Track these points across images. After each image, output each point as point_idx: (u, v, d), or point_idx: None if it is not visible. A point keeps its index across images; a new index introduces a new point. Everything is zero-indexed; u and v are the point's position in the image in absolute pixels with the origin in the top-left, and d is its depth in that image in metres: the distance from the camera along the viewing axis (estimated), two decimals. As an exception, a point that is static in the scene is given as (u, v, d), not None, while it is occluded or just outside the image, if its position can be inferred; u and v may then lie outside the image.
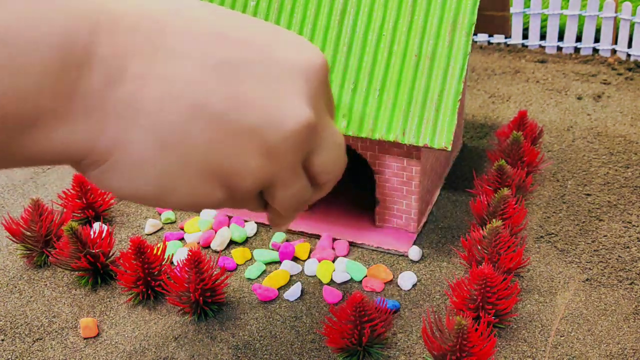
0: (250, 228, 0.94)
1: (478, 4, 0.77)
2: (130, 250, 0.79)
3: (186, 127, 0.35)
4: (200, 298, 0.76)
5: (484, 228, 0.81)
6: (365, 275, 0.84)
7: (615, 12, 1.47)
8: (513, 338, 0.74)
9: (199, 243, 0.92)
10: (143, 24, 0.35)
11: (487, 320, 0.71)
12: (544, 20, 1.60)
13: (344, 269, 0.84)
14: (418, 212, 0.88)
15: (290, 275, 0.85)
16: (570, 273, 0.83)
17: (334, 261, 0.87)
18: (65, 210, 0.94)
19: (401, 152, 0.83)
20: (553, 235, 0.90)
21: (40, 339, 0.77)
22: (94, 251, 0.82)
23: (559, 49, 1.59)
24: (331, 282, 0.84)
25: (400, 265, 0.86)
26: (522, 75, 1.48)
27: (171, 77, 0.35)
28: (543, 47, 1.60)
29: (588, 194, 0.99)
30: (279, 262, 0.88)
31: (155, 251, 0.81)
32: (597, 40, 1.55)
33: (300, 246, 0.89)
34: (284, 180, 0.40)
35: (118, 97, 0.34)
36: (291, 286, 0.83)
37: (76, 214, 0.97)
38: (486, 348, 0.66)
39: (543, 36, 1.62)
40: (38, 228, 0.88)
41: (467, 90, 1.40)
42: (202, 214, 0.96)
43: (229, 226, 0.94)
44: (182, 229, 0.96)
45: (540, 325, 0.75)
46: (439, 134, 0.76)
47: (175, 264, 0.86)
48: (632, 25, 1.46)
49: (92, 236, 0.84)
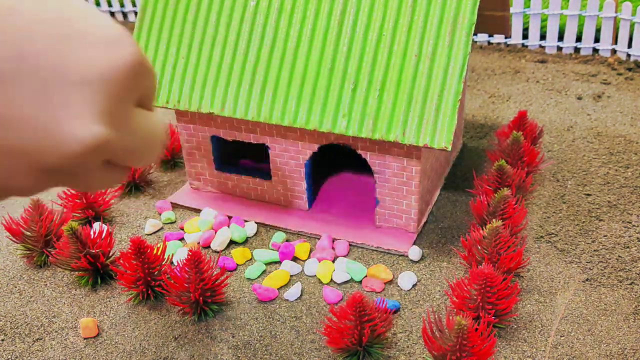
0: (250, 228, 0.94)
1: (478, 4, 0.77)
2: (130, 250, 0.79)
3: None
4: (200, 298, 0.76)
5: (484, 228, 0.81)
6: (365, 275, 0.84)
7: (615, 12, 1.47)
8: (513, 338, 0.74)
9: (199, 243, 0.92)
10: None
11: (487, 320, 0.71)
12: (544, 20, 1.60)
13: (344, 269, 0.84)
14: (418, 212, 0.88)
15: (290, 275, 0.85)
16: (570, 273, 0.83)
17: (334, 261, 0.87)
18: (65, 210, 0.94)
19: (401, 152, 0.83)
20: (553, 235, 0.90)
21: (40, 339, 0.77)
22: (94, 251, 0.82)
23: (559, 49, 1.59)
24: (331, 282, 0.84)
25: (400, 265, 0.86)
26: (522, 75, 1.48)
27: None
28: (543, 47, 1.60)
29: (588, 194, 0.99)
30: (279, 262, 0.88)
31: (155, 251, 0.81)
32: (597, 40, 1.55)
33: (300, 246, 0.89)
34: (77, 182, 0.34)
35: None
36: (291, 286, 0.83)
37: (76, 214, 0.97)
38: (486, 348, 0.66)
39: (543, 36, 1.62)
40: (38, 228, 0.88)
41: (467, 90, 1.40)
42: (202, 214, 0.96)
43: (229, 226, 0.94)
44: (182, 229, 0.96)
45: (540, 325, 0.75)
46: (439, 134, 0.76)
47: (175, 264, 0.86)
48: (632, 25, 1.46)
49: (92, 236, 0.84)
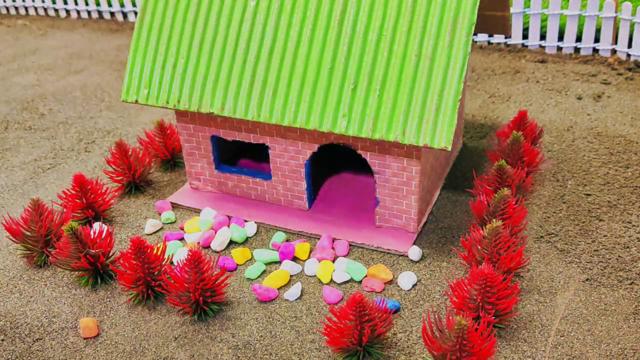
0: (250, 228, 0.94)
1: (478, 4, 0.77)
2: (130, 250, 0.79)
3: None
4: (200, 298, 0.76)
5: (484, 228, 0.81)
6: (365, 275, 0.84)
7: (615, 12, 1.47)
8: (513, 338, 0.74)
9: (199, 243, 0.92)
10: None
11: (487, 320, 0.71)
12: (544, 20, 1.60)
13: (344, 269, 0.84)
14: (418, 212, 0.88)
15: (290, 275, 0.85)
16: (570, 273, 0.83)
17: (334, 261, 0.87)
18: (65, 210, 0.94)
19: (401, 152, 0.83)
20: (553, 235, 0.90)
21: (40, 339, 0.77)
22: (93, 251, 0.82)
23: (559, 49, 1.59)
24: (331, 282, 0.84)
25: (400, 265, 0.86)
26: (522, 75, 1.48)
27: None
28: (543, 47, 1.60)
29: (588, 194, 0.99)
30: (279, 262, 0.88)
31: (155, 251, 0.81)
32: (597, 40, 1.55)
33: (300, 246, 0.89)
34: None
35: None
36: (291, 286, 0.83)
37: (76, 214, 0.97)
38: (486, 348, 0.66)
39: (543, 36, 1.62)
40: (38, 228, 0.88)
41: (467, 90, 1.40)
42: (202, 214, 0.96)
43: (229, 226, 0.94)
44: (182, 229, 0.96)
45: (540, 325, 0.75)
46: (439, 134, 0.76)
47: (175, 264, 0.86)
48: (632, 25, 1.46)
49: (92, 236, 0.84)
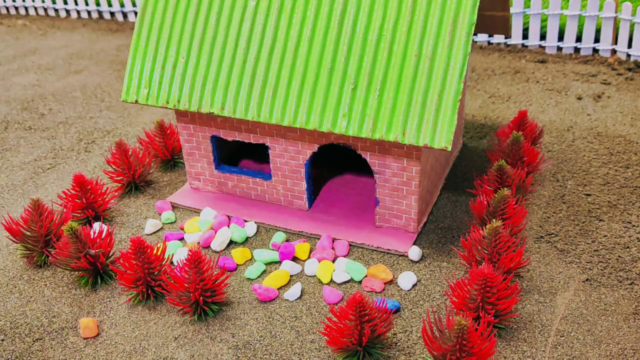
0: (250, 228, 0.94)
1: (478, 4, 0.77)
2: (130, 250, 0.79)
3: None
4: (200, 298, 0.76)
5: (484, 228, 0.81)
6: (365, 275, 0.84)
7: (615, 12, 1.47)
8: (513, 338, 0.74)
9: (199, 243, 0.92)
10: None
11: (487, 321, 0.71)
12: (544, 20, 1.60)
13: (344, 269, 0.84)
14: (418, 212, 0.88)
15: (290, 275, 0.85)
16: (570, 273, 0.83)
17: (334, 261, 0.87)
18: (65, 210, 0.94)
19: (401, 152, 0.83)
20: (553, 235, 0.90)
21: (40, 339, 0.77)
22: (93, 251, 0.82)
23: (559, 49, 1.59)
24: (331, 282, 0.84)
25: (400, 265, 0.86)
26: (522, 75, 1.48)
27: None
28: (543, 47, 1.60)
29: (588, 194, 0.99)
30: (279, 262, 0.88)
31: (155, 251, 0.81)
32: (597, 40, 1.55)
33: (300, 246, 0.89)
34: None
35: None
36: (291, 286, 0.83)
37: (76, 214, 0.97)
38: (486, 348, 0.66)
39: (543, 36, 1.62)
40: (38, 228, 0.88)
41: (467, 90, 1.40)
42: (202, 214, 0.96)
43: (229, 226, 0.94)
44: (182, 229, 0.96)
45: (540, 325, 0.75)
46: (439, 134, 0.76)
47: (175, 264, 0.86)
48: (632, 25, 1.46)
49: (92, 236, 0.84)
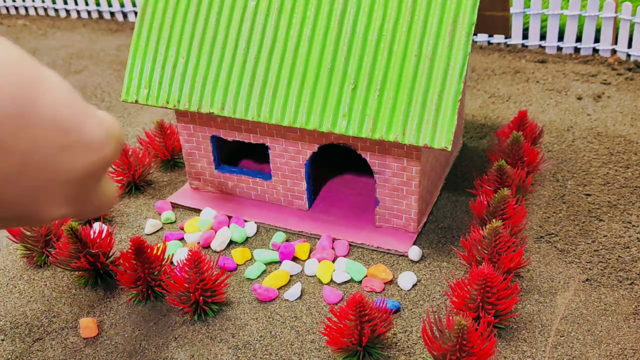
0: (250, 228, 0.94)
1: (478, 4, 0.77)
2: (130, 250, 0.79)
3: None
4: (200, 298, 0.76)
5: (484, 228, 0.81)
6: (365, 275, 0.84)
7: (615, 12, 1.47)
8: (513, 338, 0.73)
9: (199, 243, 0.92)
10: None
11: (487, 321, 0.71)
12: (544, 20, 1.60)
13: (344, 269, 0.84)
14: (418, 212, 0.88)
15: (290, 275, 0.85)
16: (570, 273, 0.83)
17: (334, 261, 0.87)
18: (65, 210, 0.94)
19: (401, 152, 0.83)
20: (553, 235, 0.90)
21: (40, 339, 0.77)
22: (93, 251, 0.82)
23: (559, 49, 1.59)
24: (331, 282, 0.84)
25: (400, 265, 0.86)
26: (522, 75, 1.48)
27: None
28: (543, 47, 1.60)
29: (588, 194, 0.99)
30: (279, 262, 0.88)
31: (155, 251, 0.81)
32: (597, 40, 1.55)
33: (300, 246, 0.89)
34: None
35: None
36: (291, 286, 0.83)
37: (76, 214, 0.97)
38: (486, 348, 0.66)
39: (543, 36, 1.62)
40: (38, 228, 0.88)
41: (467, 90, 1.40)
42: (202, 214, 0.96)
43: (229, 226, 0.94)
44: (182, 229, 0.96)
45: (540, 325, 0.75)
46: (439, 134, 0.76)
47: (175, 264, 0.86)
48: (632, 25, 1.46)
49: (92, 236, 0.84)
